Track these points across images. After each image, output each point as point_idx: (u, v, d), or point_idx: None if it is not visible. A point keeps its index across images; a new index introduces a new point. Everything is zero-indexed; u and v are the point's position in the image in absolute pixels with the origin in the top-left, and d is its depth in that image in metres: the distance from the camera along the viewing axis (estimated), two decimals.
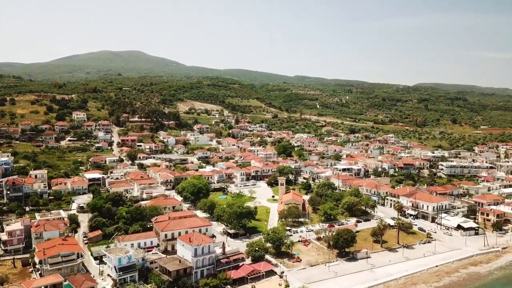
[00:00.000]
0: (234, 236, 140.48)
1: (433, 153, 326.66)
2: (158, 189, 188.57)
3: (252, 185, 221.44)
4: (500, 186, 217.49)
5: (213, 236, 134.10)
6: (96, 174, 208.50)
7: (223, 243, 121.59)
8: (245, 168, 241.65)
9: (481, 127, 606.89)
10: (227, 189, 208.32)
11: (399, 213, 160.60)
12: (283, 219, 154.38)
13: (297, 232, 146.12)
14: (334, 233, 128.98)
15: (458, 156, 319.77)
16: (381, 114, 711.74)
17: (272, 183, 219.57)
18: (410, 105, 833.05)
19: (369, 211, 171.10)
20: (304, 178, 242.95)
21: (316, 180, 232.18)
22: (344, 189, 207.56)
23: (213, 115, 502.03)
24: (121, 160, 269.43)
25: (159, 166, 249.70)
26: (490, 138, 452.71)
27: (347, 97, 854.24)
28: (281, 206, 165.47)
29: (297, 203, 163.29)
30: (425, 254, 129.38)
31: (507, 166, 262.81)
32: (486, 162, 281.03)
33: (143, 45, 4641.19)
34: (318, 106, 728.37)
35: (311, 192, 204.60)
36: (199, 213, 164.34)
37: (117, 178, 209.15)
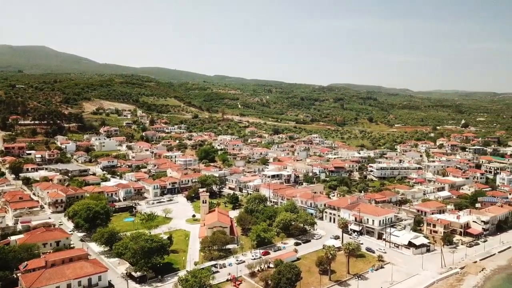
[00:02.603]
0: (141, 280, 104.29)
1: (359, 153, 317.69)
2: (40, 215, 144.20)
3: (168, 200, 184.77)
4: (434, 189, 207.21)
5: (110, 286, 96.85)
6: None
7: None
8: (159, 180, 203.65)
9: (396, 125, 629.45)
10: (135, 208, 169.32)
11: (343, 232, 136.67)
12: (206, 249, 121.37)
13: (225, 266, 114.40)
14: (273, 270, 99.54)
15: (384, 156, 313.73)
16: (301, 114, 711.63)
17: (193, 197, 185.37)
18: (327, 104, 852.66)
19: (308, 229, 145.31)
20: (230, 188, 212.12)
21: (243, 190, 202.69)
22: (275, 200, 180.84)
23: (124, 116, 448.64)
24: (2, 174, 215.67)
25: (50, 180, 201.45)
26: (407, 136, 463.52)
27: (268, 97, 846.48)
28: (204, 230, 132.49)
29: (223, 225, 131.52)
30: (382, 287, 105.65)
31: (434, 166, 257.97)
32: (413, 162, 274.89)
33: (49, 40, 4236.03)
34: (239, 106, 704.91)
35: (238, 206, 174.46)
36: (95, 247, 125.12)
37: None
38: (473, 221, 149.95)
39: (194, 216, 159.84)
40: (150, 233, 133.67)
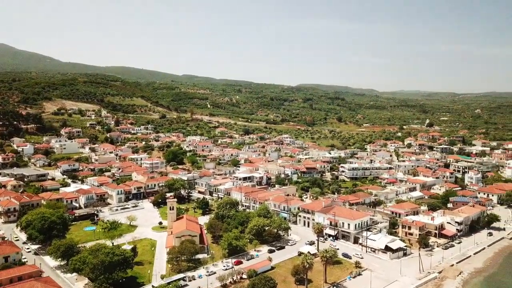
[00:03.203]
0: None
1: (330, 153, 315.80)
2: None
3: (133, 207, 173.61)
4: (406, 189, 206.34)
5: None
6: None
7: None
8: (123, 184, 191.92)
9: (364, 125, 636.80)
10: (97, 216, 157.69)
11: (318, 237, 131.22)
12: (174, 260, 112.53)
13: (195, 279, 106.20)
14: (247, 283, 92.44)
15: (355, 156, 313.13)
16: (271, 114, 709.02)
17: (160, 203, 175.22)
18: (296, 104, 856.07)
19: (282, 234, 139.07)
20: (199, 191, 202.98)
21: (214, 194, 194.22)
22: (247, 204, 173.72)
23: (88, 116, 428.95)
24: None
25: (3, 186, 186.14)
26: (375, 136, 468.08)
27: (237, 97, 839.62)
28: (171, 240, 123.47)
29: (192, 234, 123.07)
30: None
31: (405, 166, 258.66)
32: (384, 162, 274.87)
33: (7, 37, 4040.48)
34: (209, 106, 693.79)
35: (209, 211, 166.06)
36: (50, 262, 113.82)
37: None
38: (448, 222, 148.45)
39: (161, 223, 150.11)
40: (112, 243, 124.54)
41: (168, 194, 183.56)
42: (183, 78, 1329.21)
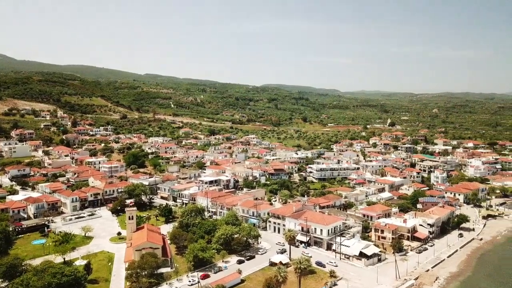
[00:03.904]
0: None
1: (297, 154, 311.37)
2: None
3: (89, 215, 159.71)
4: (375, 190, 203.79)
5: None
6: None
7: None
8: (79, 191, 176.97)
9: (329, 125, 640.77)
10: (48, 227, 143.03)
11: (290, 245, 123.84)
12: (134, 277, 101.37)
13: None
14: None
15: (322, 156, 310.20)
16: (237, 114, 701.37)
17: (119, 210, 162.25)
18: (261, 104, 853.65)
19: (251, 242, 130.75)
20: (162, 197, 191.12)
21: (178, 200, 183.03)
22: (214, 210, 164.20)
23: (42, 117, 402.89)
24: None
25: None
26: (340, 135, 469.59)
27: (202, 97, 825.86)
28: (131, 253, 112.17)
29: (154, 246, 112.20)
30: None
31: (372, 166, 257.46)
32: (352, 162, 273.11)
33: None
34: (172, 106, 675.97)
35: (172, 219, 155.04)
36: None
37: None
38: (420, 225, 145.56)
39: (119, 233, 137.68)
40: (64, 259, 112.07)
41: (128, 201, 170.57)
42: (145, 77, 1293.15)
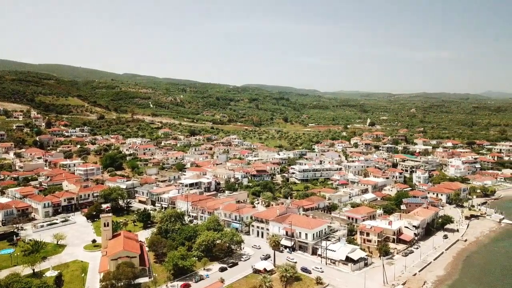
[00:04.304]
0: None
1: (279, 154, 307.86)
2: None
3: (63, 221, 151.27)
4: (358, 191, 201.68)
5: None
6: None
7: None
8: (52, 195, 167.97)
9: (310, 125, 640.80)
10: (17, 235, 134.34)
11: (274, 250, 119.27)
12: None
13: None
14: None
15: (304, 156, 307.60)
16: (217, 114, 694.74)
17: (94, 216, 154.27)
18: (242, 104, 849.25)
19: (234, 248, 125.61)
20: (140, 201, 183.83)
21: (157, 204, 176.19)
22: (195, 214, 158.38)
23: (15, 117, 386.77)
24: None
25: None
26: (322, 135, 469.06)
27: (182, 96, 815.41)
28: (106, 263, 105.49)
29: (131, 255, 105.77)
30: None
31: (355, 167, 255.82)
32: (334, 163, 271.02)
33: None
34: (151, 106, 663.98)
35: (151, 224, 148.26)
36: None
37: None
38: (405, 227, 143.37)
39: (94, 241, 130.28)
40: (33, 270, 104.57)
41: (104, 206, 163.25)
42: (124, 77, 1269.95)
